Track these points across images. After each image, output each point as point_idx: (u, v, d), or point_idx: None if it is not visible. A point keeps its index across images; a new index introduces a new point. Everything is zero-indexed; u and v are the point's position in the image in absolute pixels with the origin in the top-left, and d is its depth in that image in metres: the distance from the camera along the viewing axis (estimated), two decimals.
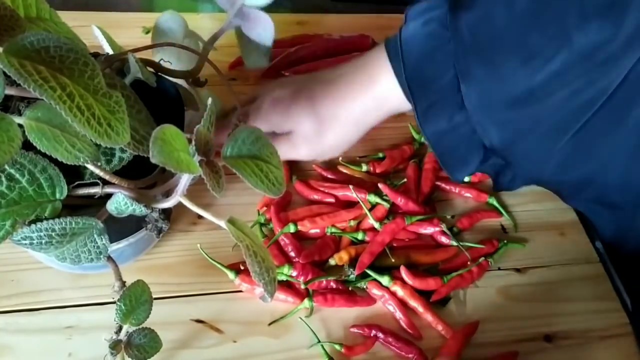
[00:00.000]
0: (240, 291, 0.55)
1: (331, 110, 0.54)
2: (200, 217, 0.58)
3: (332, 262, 0.57)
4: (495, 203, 0.65)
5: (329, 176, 0.64)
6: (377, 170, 0.66)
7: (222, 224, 0.41)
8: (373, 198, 0.61)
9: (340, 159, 0.64)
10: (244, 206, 0.61)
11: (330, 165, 0.66)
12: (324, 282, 0.54)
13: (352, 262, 0.56)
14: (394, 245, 0.59)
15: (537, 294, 0.59)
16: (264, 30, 0.49)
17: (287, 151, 0.56)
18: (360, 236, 0.59)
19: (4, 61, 0.31)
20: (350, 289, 0.55)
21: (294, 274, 0.54)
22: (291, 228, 0.57)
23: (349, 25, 0.82)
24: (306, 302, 0.53)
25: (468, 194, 0.65)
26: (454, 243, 0.60)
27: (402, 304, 0.55)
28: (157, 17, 0.54)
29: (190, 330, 0.52)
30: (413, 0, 0.53)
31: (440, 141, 0.52)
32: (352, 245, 0.58)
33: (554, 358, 0.55)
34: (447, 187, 0.66)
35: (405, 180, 0.64)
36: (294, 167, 0.65)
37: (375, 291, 0.55)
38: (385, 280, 0.55)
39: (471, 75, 0.48)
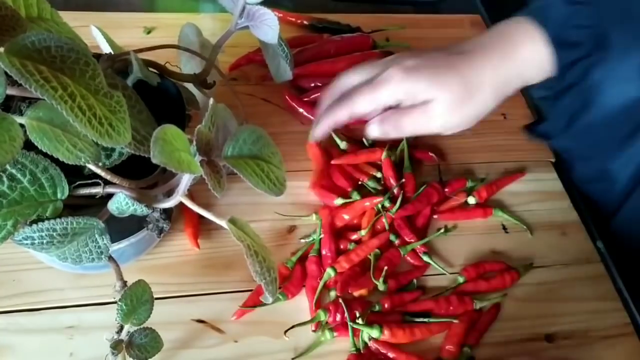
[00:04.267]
0: (241, 291, 0.55)
1: (476, 78, 0.53)
2: (201, 217, 0.58)
3: (355, 294, 0.55)
4: (501, 214, 0.65)
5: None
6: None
7: (224, 223, 0.41)
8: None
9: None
10: (245, 206, 0.61)
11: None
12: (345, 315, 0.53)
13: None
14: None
15: (538, 294, 0.59)
16: (271, 28, 0.49)
17: (421, 123, 0.54)
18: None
19: (5, 61, 0.31)
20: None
21: (330, 318, 0.53)
22: (331, 273, 0.55)
23: None
24: (327, 334, 0.52)
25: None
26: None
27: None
28: (181, 29, 0.56)
29: (191, 330, 0.52)
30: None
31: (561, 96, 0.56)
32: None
33: (555, 358, 0.55)
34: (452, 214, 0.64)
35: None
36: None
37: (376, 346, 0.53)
38: (375, 332, 0.52)
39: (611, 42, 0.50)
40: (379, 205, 0.61)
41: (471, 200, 0.65)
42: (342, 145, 0.66)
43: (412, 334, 0.53)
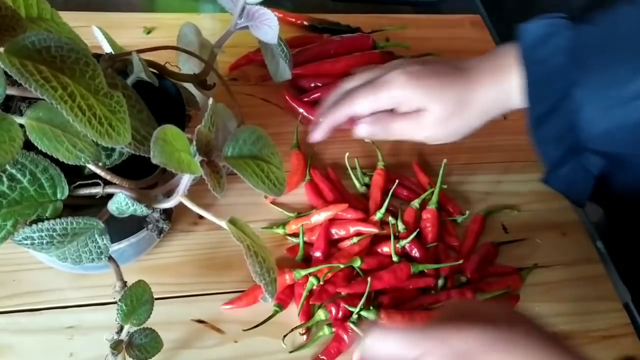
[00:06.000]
0: (241, 291, 0.55)
1: (468, 96, 0.54)
2: (201, 217, 0.58)
3: (344, 293, 0.54)
4: (491, 213, 0.64)
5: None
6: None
7: (223, 224, 0.41)
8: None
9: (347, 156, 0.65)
10: (245, 206, 0.61)
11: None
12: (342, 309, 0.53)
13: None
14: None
15: (538, 294, 0.59)
16: (270, 28, 0.49)
17: (409, 131, 0.55)
18: (358, 263, 0.56)
19: (5, 61, 0.31)
20: None
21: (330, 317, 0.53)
22: (314, 282, 0.54)
23: None
24: (326, 329, 0.53)
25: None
26: None
27: None
28: (180, 28, 0.56)
29: (191, 331, 0.52)
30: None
31: (546, 146, 0.53)
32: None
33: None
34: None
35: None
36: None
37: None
38: (371, 315, 0.52)
39: (586, 66, 0.49)
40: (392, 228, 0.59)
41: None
42: (362, 189, 0.64)
43: (412, 318, 0.53)
